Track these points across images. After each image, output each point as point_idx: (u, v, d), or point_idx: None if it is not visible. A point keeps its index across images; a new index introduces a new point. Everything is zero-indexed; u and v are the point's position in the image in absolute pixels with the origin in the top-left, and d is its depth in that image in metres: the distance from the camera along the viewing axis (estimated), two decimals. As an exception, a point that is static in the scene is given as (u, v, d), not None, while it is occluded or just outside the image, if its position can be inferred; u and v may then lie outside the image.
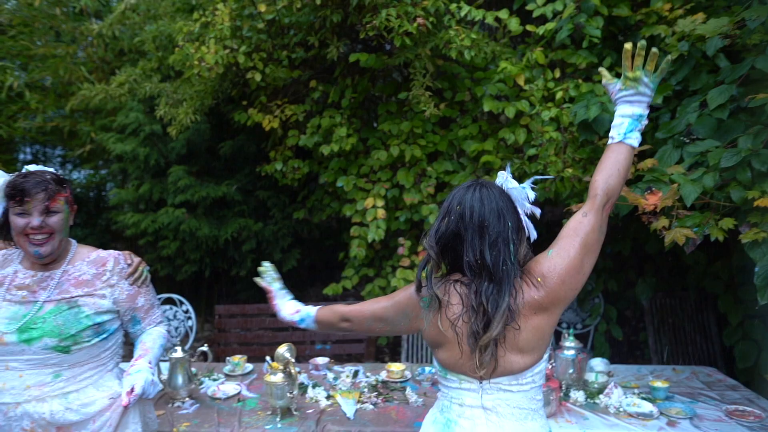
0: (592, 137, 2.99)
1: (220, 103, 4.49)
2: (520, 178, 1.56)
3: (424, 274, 1.48)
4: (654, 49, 1.54)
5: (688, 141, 2.62)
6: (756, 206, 2.15)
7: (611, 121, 1.59)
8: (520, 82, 3.37)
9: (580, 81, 3.22)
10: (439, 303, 1.46)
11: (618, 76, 1.60)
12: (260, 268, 2.02)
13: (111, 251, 1.84)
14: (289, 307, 1.90)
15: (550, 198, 3.32)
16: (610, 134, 1.58)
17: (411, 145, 3.68)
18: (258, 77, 3.67)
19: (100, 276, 1.78)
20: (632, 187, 2.45)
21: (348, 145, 3.70)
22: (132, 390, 1.64)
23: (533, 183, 1.58)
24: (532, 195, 1.57)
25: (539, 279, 1.44)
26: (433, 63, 3.52)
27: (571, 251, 1.46)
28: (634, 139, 1.55)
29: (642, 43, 1.51)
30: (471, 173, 3.65)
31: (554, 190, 3.15)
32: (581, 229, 1.49)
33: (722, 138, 2.54)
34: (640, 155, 2.64)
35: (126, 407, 1.63)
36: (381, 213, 3.63)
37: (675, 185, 2.26)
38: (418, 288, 1.51)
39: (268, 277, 2.00)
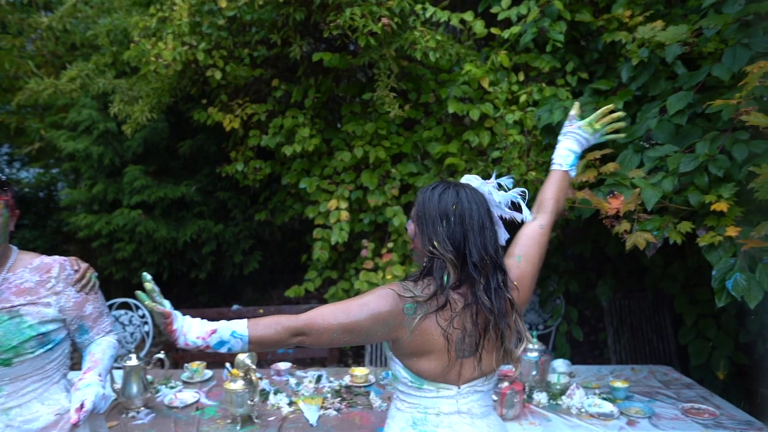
0: (555, 141, 3.01)
1: (179, 101, 4.36)
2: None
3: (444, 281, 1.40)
4: (619, 113, 1.92)
5: (647, 146, 2.68)
6: (712, 210, 2.20)
7: None
8: (485, 84, 3.38)
9: (543, 85, 3.25)
10: (426, 309, 1.39)
11: (580, 81, 1.77)
12: (145, 284, 1.43)
13: (56, 257, 1.73)
14: (197, 328, 1.40)
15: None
16: (556, 161, 1.85)
17: (375, 147, 3.64)
18: (218, 75, 3.57)
19: (45, 283, 1.67)
20: (595, 191, 2.48)
21: (311, 145, 3.64)
22: (82, 406, 1.53)
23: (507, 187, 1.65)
24: (512, 199, 1.65)
25: (515, 283, 1.49)
26: (397, 64, 3.50)
27: (535, 260, 1.59)
28: (574, 170, 1.86)
29: (620, 114, 1.93)
30: (435, 175, 3.64)
31: (517, 192, 3.17)
32: (541, 241, 1.63)
33: (680, 143, 2.60)
34: (602, 159, 2.68)
35: (75, 424, 1.52)
36: (344, 215, 3.59)
37: (637, 189, 2.30)
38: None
39: (157, 295, 1.43)
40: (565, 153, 1.84)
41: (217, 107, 3.95)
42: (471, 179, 1.55)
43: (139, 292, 1.43)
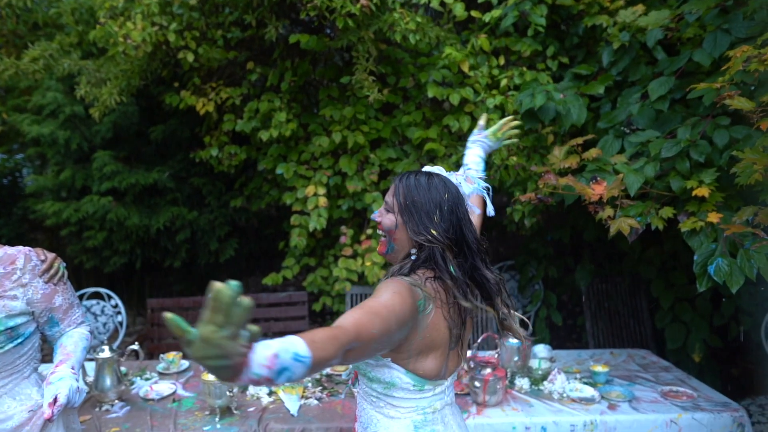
0: (536, 125, 3.00)
1: (150, 84, 4.20)
2: (461, 167, 1.66)
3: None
4: (517, 122, 2.11)
5: (628, 131, 2.67)
6: (694, 195, 2.21)
7: (556, 110, 1.90)
8: (465, 68, 3.33)
9: (524, 69, 3.22)
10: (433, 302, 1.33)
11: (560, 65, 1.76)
12: (243, 301, 0.89)
13: (20, 247, 1.64)
14: (260, 353, 0.93)
15: (493, 186, 3.31)
16: (469, 167, 1.98)
17: (353, 132, 3.58)
18: (190, 57, 3.44)
19: (10, 275, 1.59)
20: (577, 177, 2.47)
21: (288, 130, 3.55)
22: (55, 400, 1.48)
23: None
24: (477, 192, 1.70)
25: None
26: (375, 47, 3.42)
27: None
28: (484, 175, 1.99)
29: (518, 122, 2.12)
30: (415, 161, 3.59)
31: (498, 178, 3.14)
32: None
33: (661, 128, 2.60)
34: (584, 145, 2.67)
35: (50, 419, 1.47)
36: (323, 201, 3.52)
37: (620, 175, 2.29)
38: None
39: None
40: (477, 159, 2.00)
41: (190, 91, 3.82)
42: (436, 170, 1.51)
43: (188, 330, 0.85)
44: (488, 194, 1.72)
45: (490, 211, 1.66)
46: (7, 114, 4.74)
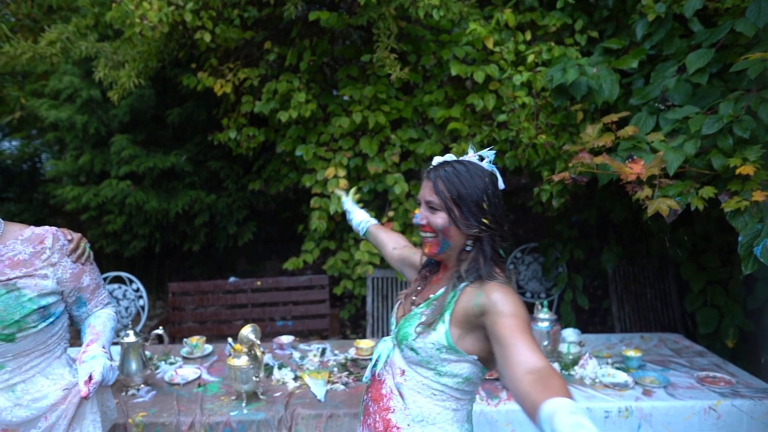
0: (565, 102, 2.90)
1: (166, 66, 4.15)
2: (489, 145, 1.57)
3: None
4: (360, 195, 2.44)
5: (663, 107, 2.56)
6: (737, 174, 2.10)
7: (588, 86, 1.78)
8: (489, 44, 3.22)
9: (552, 44, 3.10)
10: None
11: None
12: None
13: (46, 227, 1.63)
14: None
15: (520, 165, 3.22)
16: (370, 220, 2.06)
17: (374, 112, 3.49)
18: (207, 38, 3.37)
19: (39, 255, 1.58)
20: (612, 155, 2.37)
21: (307, 111, 3.47)
22: (90, 378, 1.47)
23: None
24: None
25: None
26: (396, 24, 3.32)
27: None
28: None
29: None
30: (437, 141, 3.51)
31: (526, 157, 3.05)
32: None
33: (698, 104, 2.49)
34: (619, 123, 2.56)
35: (86, 397, 1.46)
36: (343, 183, 3.45)
37: (660, 153, 2.18)
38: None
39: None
40: (363, 213, 2.12)
41: (207, 72, 3.75)
42: (449, 157, 1.44)
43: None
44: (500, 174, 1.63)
45: (501, 184, 1.58)
46: (25, 99, 4.72)
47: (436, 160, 1.41)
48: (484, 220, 1.30)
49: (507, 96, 3.15)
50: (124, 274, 3.88)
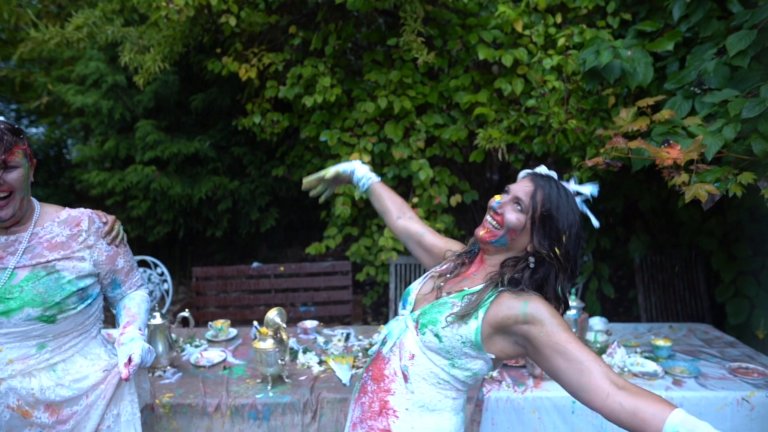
0: (596, 86, 2.83)
1: (191, 51, 4.16)
2: (516, 131, 1.50)
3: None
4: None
5: (699, 91, 2.48)
6: (778, 159, 2.03)
7: (622, 69, 1.67)
8: (518, 27, 3.16)
9: (584, 27, 3.02)
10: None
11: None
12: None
13: (82, 209, 1.65)
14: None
15: (549, 151, 3.15)
16: (373, 177, 1.85)
17: (400, 97, 3.45)
18: (233, 22, 3.36)
19: (76, 237, 1.59)
20: (647, 140, 2.31)
21: (332, 96, 3.45)
22: (130, 360, 1.50)
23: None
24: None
25: None
26: (423, 7, 3.27)
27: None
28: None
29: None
30: (462, 126, 3.46)
31: (556, 143, 2.98)
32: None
33: (736, 87, 2.41)
34: (654, 107, 2.49)
35: (126, 379, 1.50)
36: (367, 169, 3.43)
37: (699, 137, 2.12)
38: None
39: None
40: (365, 168, 1.88)
41: (232, 57, 3.75)
42: (567, 186, 1.39)
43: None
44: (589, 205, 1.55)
45: (596, 223, 1.52)
46: (52, 84, 4.78)
47: (544, 169, 1.41)
48: (556, 250, 1.30)
49: (536, 80, 3.09)
50: (149, 258, 3.91)
